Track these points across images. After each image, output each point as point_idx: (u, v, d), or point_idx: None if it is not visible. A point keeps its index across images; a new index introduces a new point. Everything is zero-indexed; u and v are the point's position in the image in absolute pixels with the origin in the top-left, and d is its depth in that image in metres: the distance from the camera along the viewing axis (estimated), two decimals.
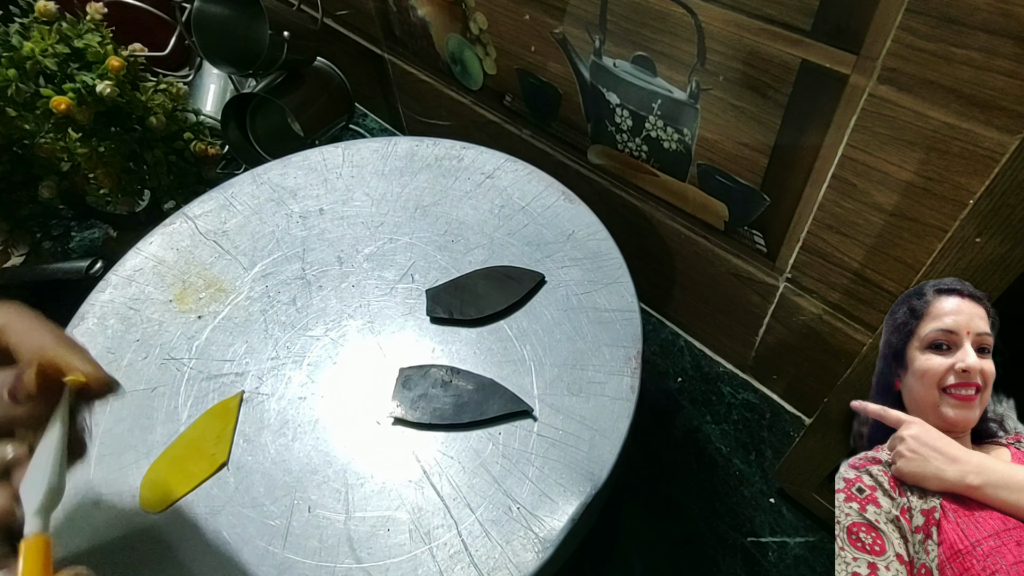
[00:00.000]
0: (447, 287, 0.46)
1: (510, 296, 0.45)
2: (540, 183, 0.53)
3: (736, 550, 0.56)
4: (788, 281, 0.56)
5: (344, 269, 0.49)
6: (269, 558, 0.35)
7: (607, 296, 0.45)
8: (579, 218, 0.51)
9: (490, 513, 0.35)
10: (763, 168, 0.51)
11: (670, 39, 0.50)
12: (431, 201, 0.53)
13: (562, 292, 0.46)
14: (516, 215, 0.51)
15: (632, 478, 0.62)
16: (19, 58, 0.62)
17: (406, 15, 0.78)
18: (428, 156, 0.57)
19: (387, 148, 0.58)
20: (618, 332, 0.43)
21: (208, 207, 0.55)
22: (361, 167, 0.57)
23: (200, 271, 0.50)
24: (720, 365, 0.71)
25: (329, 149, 0.59)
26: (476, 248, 0.49)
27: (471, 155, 0.57)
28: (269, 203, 0.55)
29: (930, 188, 0.41)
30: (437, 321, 0.45)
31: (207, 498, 0.37)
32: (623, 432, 0.38)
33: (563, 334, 0.43)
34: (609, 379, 0.41)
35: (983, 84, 0.35)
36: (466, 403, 0.40)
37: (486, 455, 0.38)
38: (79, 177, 0.70)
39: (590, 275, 0.47)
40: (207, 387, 0.42)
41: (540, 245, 0.49)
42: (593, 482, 0.36)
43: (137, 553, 0.35)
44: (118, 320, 0.47)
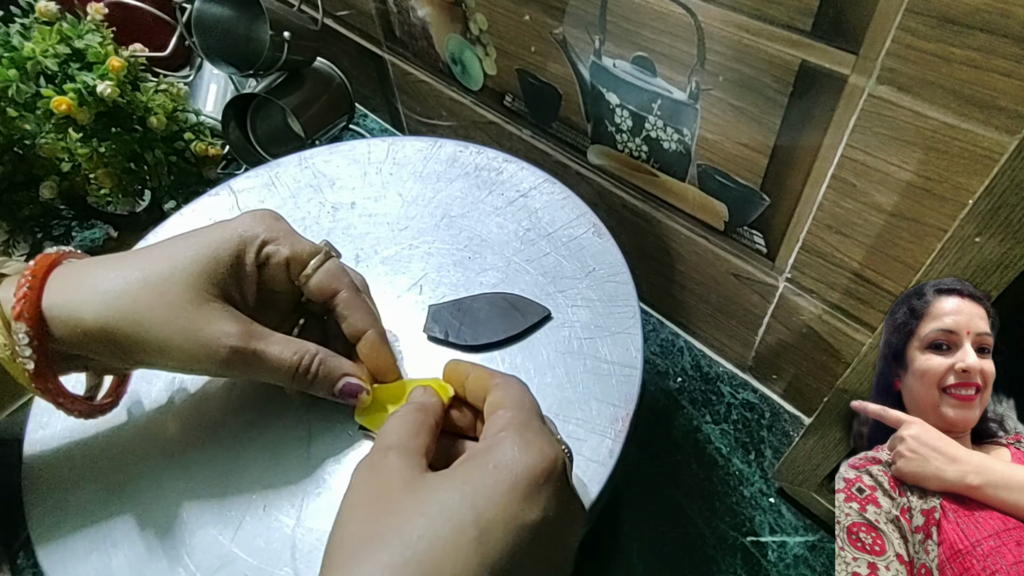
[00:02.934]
0: (450, 306, 0.45)
1: (511, 328, 0.43)
2: (574, 211, 0.51)
3: (736, 550, 0.56)
4: (788, 281, 0.56)
5: (358, 268, 0.48)
6: (216, 547, 0.34)
7: (611, 346, 0.43)
8: (603, 256, 0.48)
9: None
10: (763, 168, 0.51)
11: (670, 39, 0.50)
12: (460, 212, 0.52)
13: (565, 333, 0.44)
14: (540, 241, 0.49)
15: (632, 478, 0.62)
16: (20, 58, 0.62)
17: (406, 15, 0.78)
18: (469, 164, 0.56)
19: (431, 150, 0.57)
20: (612, 388, 0.40)
21: (253, 183, 0.55)
22: (402, 165, 0.56)
23: None
24: (720, 365, 0.71)
25: (376, 142, 0.58)
26: (491, 269, 0.48)
27: (511, 169, 0.55)
28: (307, 188, 0.55)
29: (930, 188, 0.41)
30: (432, 340, 0.44)
31: (184, 469, 0.37)
32: (591, 498, 0.36)
33: (554, 378, 0.41)
34: (590, 437, 0.38)
35: (983, 84, 0.35)
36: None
37: None
38: (80, 177, 0.71)
39: (599, 320, 0.44)
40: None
41: (556, 278, 0.47)
42: None
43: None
44: None
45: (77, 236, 0.85)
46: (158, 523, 0.35)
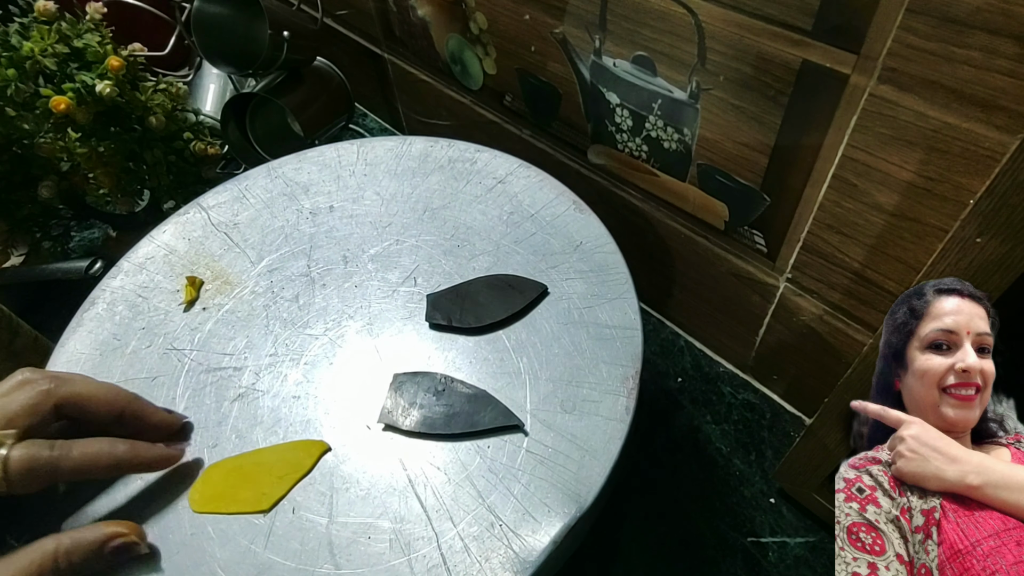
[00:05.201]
0: (448, 293, 0.46)
1: (511, 306, 0.44)
2: (552, 191, 0.53)
3: (736, 550, 0.56)
4: (788, 281, 0.56)
5: (348, 268, 0.49)
6: (250, 557, 0.34)
7: (610, 312, 0.44)
8: (588, 229, 0.50)
9: (472, 528, 0.35)
10: (763, 168, 0.51)
11: (670, 39, 0.50)
12: (440, 204, 0.53)
13: (564, 305, 0.45)
14: (524, 223, 0.50)
15: (632, 478, 0.62)
16: (19, 58, 0.62)
17: (406, 15, 0.78)
18: (442, 158, 0.57)
19: (401, 148, 0.58)
20: (618, 350, 0.42)
21: (222, 198, 0.55)
22: (375, 165, 0.57)
23: (209, 262, 0.50)
24: (720, 365, 0.71)
25: (344, 146, 0.59)
26: (481, 254, 0.49)
27: (484, 158, 0.56)
28: (281, 197, 0.55)
29: (931, 188, 0.41)
30: (435, 327, 0.44)
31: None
32: (614, 454, 0.37)
33: (561, 348, 0.42)
34: (604, 398, 0.40)
35: (984, 84, 0.35)
36: (457, 413, 0.39)
37: (473, 468, 0.37)
38: (79, 177, 0.70)
39: (594, 289, 0.46)
40: (205, 379, 0.42)
41: (546, 255, 0.48)
42: (579, 504, 0.35)
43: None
44: (126, 307, 0.47)
45: (76, 236, 0.85)
46: (181, 541, 0.35)
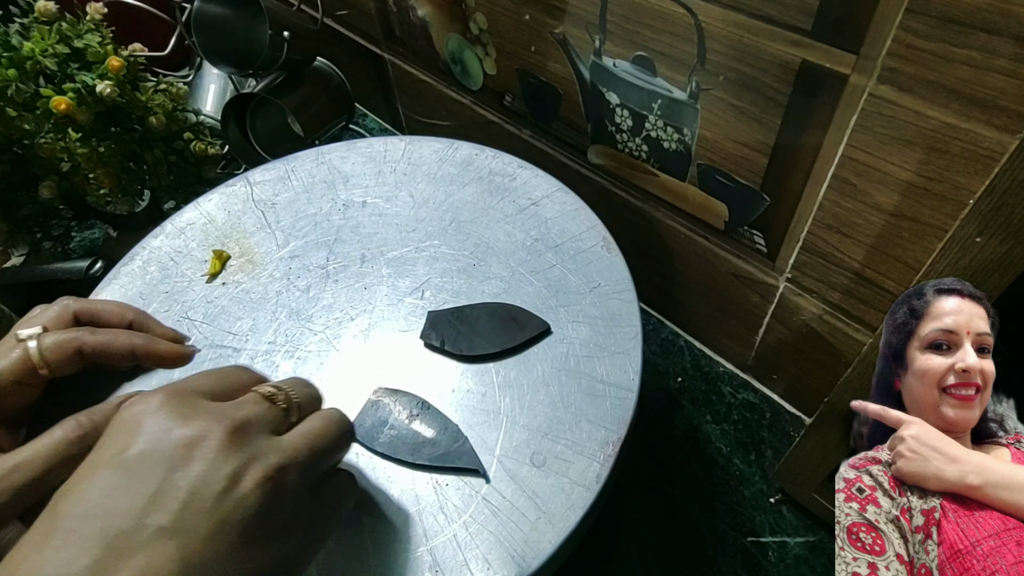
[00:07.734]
0: (449, 314, 0.45)
1: (508, 340, 0.42)
2: (584, 223, 0.51)
3: (736, 550, 0.56)
4: (788, 281, 0.56)
5: (364, 268, 0.48)
6: None
7: (609, 366, 0.42)
8: (610, 271, 0.47)
9: (404, 570, 0.34)
10: (763, 168, 0.51)
11: (670, 39, 0.50)
12: (469, 217, 0.52)
13: (563, 349, 0.43)
14: (547, 252, 0.49)
15: (632, 478, 0.62)
16: (19, 58, 0.62)
17: (406, 15, 0.78)
18: (483, 168, 0.56)
19: (447, 151, 0.57)
20: (606, 410, 0.39)
21: (268, 175, 0.56)
22: (416, 165, 0.56)
23: (240, 238, 0.51)
24: (720, 365, 0.71)
25: (393, 141, 0.59)
26: (494, 279, 0.47)
27: (525, 176, 0.55)
28: (322, 184, 0.55)
29: (930, 188, 0.41)
30: (428, 347, 0.43)
31: None
32: (572, 523, 0.35)
33: (547, 396, 0.40)
34: (577, 459, 0.37)
35: (983, 84, 0.35)
36: (424, 443, 0.38)
37: (424, 504, 0.36)
38: (79, 177, 0.70)
39: (599, 338, 0.43)
40: (205, 355, 0.43)
41: (559, 292, 0.46)
42: (520, 570, 0.33)
43: None
44: (158, 268, 0.49)
45: (76, 236, 0.85)
46: None
